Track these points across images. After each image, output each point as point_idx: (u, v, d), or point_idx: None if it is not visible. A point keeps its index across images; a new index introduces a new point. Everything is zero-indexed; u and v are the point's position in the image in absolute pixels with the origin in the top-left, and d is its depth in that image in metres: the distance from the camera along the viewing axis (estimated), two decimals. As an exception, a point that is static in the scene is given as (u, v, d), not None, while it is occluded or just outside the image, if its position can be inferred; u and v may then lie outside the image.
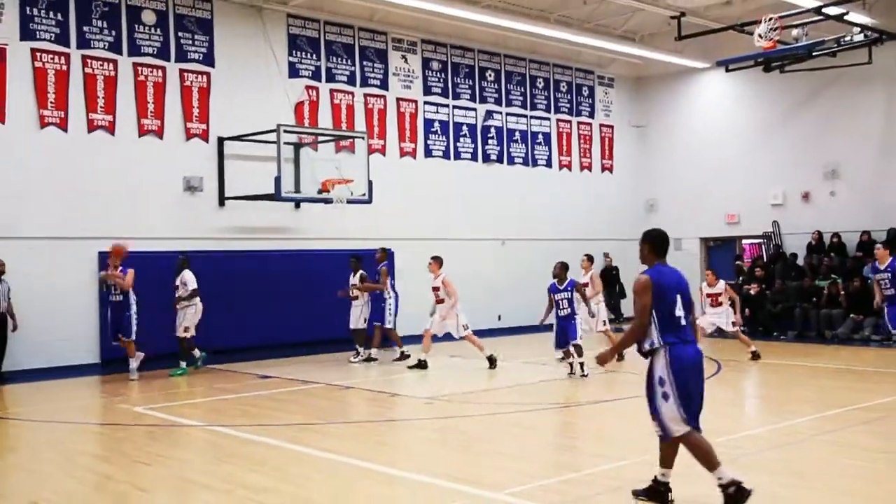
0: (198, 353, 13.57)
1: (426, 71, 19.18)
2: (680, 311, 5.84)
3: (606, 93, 23.03)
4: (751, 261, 20.72)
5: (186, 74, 15.65)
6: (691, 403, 5.76)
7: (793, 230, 20.20)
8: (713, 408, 5.96)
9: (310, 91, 17.22)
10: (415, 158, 18.91)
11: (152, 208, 15.12)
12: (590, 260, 14.70)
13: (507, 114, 20.68)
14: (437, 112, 19.33)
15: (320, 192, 15.15)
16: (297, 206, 16.75)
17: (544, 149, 21.41)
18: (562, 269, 12.47)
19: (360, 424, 9.80)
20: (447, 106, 19.53)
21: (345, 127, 17.55)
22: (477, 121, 20.08)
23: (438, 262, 13.85)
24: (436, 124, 19.30)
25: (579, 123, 22.33)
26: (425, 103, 19.14)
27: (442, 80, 19.46)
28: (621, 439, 8.47)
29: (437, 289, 13.69)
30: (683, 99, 22.64)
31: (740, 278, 19.63)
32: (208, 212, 15.82)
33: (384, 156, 18.19)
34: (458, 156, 19.67)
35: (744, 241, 22.22)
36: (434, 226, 18.53)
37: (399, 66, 18.70)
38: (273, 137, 14.61)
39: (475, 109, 20.04)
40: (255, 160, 15.76)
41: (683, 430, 5.76)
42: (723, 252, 22.20)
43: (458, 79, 19.73)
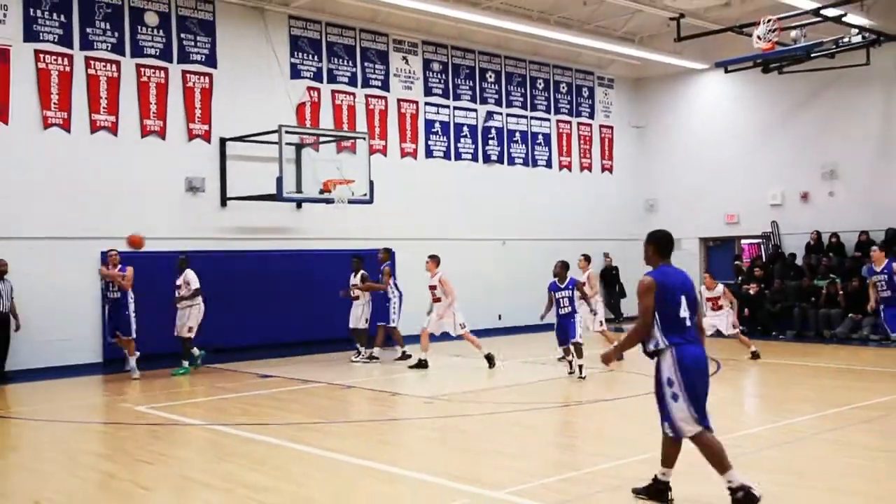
0: (196, 351, 13.63)
1: (427, 72, 19.26)
2: (685, 311, 5.84)
3: (606, 94, 23.11)
4: (750, 261, 20.78)
5: (189, 75, 15.73)
6: (700, 402, 5.75)
7: (792, 230, 20.27)
8: (713, 407, 5.97)
9: (311, 92, 17.29)
10: (416, 159, 18.98)
11: (155, 208, 15.17)
12: (587, 260, 14.78)
13: (508, 114, 20.76)
14: (438, 113, 19.41)
15: (322, 192, 15.19)
16: (299, 206, 16.82)
17: (544, 149, 21.49)
18: (562, 267, 12.50)
19: (361, 423, 9.83)
20: (448, 107, 19.60)
21: (346, 128, 17.62)
22: (477, 121, 20.15)
23: (436, 260, 13.91)
24: (436, 125, 19.37)
25: (579, 124, 22.40)
26: (426, 104, 19.22)
27: (443, 81, 19.54)
28: (621, 438, 8.49)
29: (433, 287, 13.74)
30: (683, 100, 22.71)
31: (739, 278, 19.71)
32: (210, 212, 15.88)
33: (385, 156, 18.27)
34: (458, 156, 19.74)
35: (743, 241, 22.28)
36: (435, 226, 18.59)
37: (400, 67, 18.77)
38: (275, 138, 14.66)
39: (476, 110, 20.12)
40: (257, 161, 15.83)
41: (696, 430, 5.73)
42: (722, 252, 22.28)
43: (459, 80, 19.81)
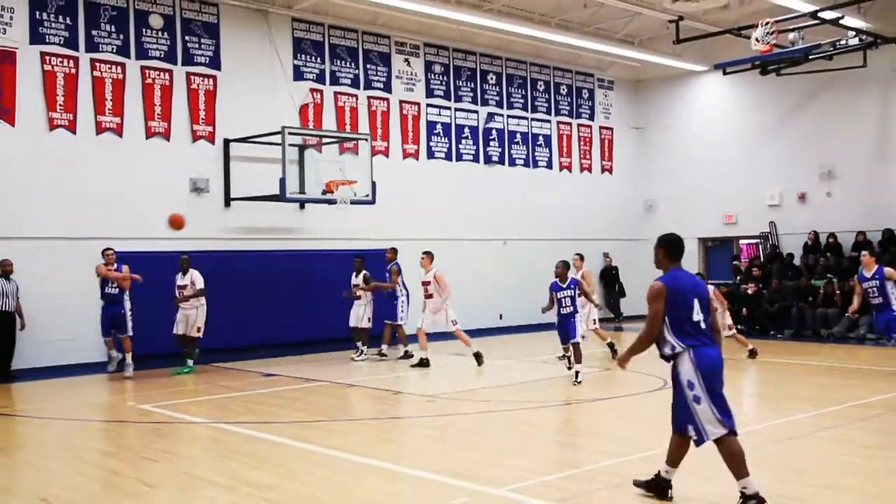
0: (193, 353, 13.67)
1: (429, 74, 19.38)
2: (698, 314, 5.80)
3: (606, 95, 23.24)
4: (748, 261, 20.86)
5: (193, 77, 15.85)
6: (721, 403, 5.69)
7: (789, 230, 20.39)
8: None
9: (314, 94, 17.41)
10: (417, 160, 19.10)
11: (159, 209, 15.24)
12: (581, 259, 14.85)
13: (509, 116, 20.88)
14: (440, 114, 19.53)
15: (324, 193, 15.23)
16: (302, 206, 16.92)
17: (545, 150, 21.63)
18: (564, 267, 12.46)
19: (364, 422, 9.90)
20: (449, 108, 19.73)
21: (348, 129, 17.72)
22: (478, 123, 20.27)
23: (430, 256, 14.06)
24: (438, 126, 19.50)
25: (579, 125, 22.53)
26: (428, 106, 19.33)
27: (444, 82, 19.67)
28: (621, 436, 8.51)
29: (427, 283, 13.86)
30: (682, 101, 22.83)
31: (738, 278, 19.82)
32: (214, 212, 15.98)
33: (387, 157, 18.39)
34: (459, 157, 19.86)
35: (741, 242, 22.39)
36: (436, 226, 18.68)
37: (402, 69, 18.90)
38: (278, 139, 14.74)
39: (477, 112, 20.24)
40: (261, 162, 15.92)
41: (721, 432, 5.65)
42: (720, 252, 22.41)
43: (460, 82, 19.94)
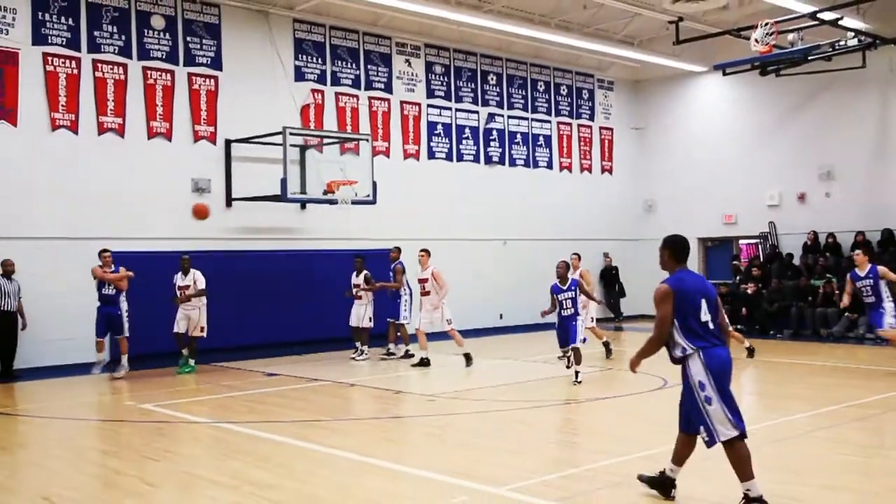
0: (185, 351, 13.71)
1: (429, 74, 19.44)
2: (706, 315, 5.77)
3: (606, 96, 23.30)
4: (748, 261, 20.91)
5: (195, 78, 15.91)
6: (731, 404, 5.66)
7: (789, 230, 20.44)
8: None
9: (315, 94, 17.47)
10: (418, 160, 19.16)
11: (161, 209, 15.33)
12: (579, 258, 14.87)
13: (509, 116, 20.94)
14: (440, 115, 19.59)
15: (325, 193, 15.29)
16: (303, 206, 16.98)
17: (545, 151, 21.69)
18: (566, 268, 12.47)
19: (365, 421, 9.96)
20: (450, 109, 19.79)
21: (349, 129, 17.78)
22: (479, 123, 20.34)
23: (428, 254, 14.15)
24: (439, 127, 19.56)
25: (579, 126, 22.59)
26: (428, 106, 19.39)
27: (445, 83, 19.72)
28: (621, 436, 8.55)
29: (424, 280, 13.92)
30: (681, 102, 22.89)
31: (737, 278, 19.88)
32: (216, 212, 16.02)
33: (388, 158, 18.45)
34: (460, 157, 19.92)
35: (741, 242, 22.44)
36: (437, 226, 18.73)
37: (403, 69, 18.96)
38: (279, 140, 14.80)
39: (477, 112, 20.30)
40: (262, 162, 15.97)
41: (732, 434, 5.60)
42: (720, 252, 22.46)
43: (461, 82, 20.00)
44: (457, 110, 19.92)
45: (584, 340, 12.35)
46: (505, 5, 18.08)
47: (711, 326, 5.80)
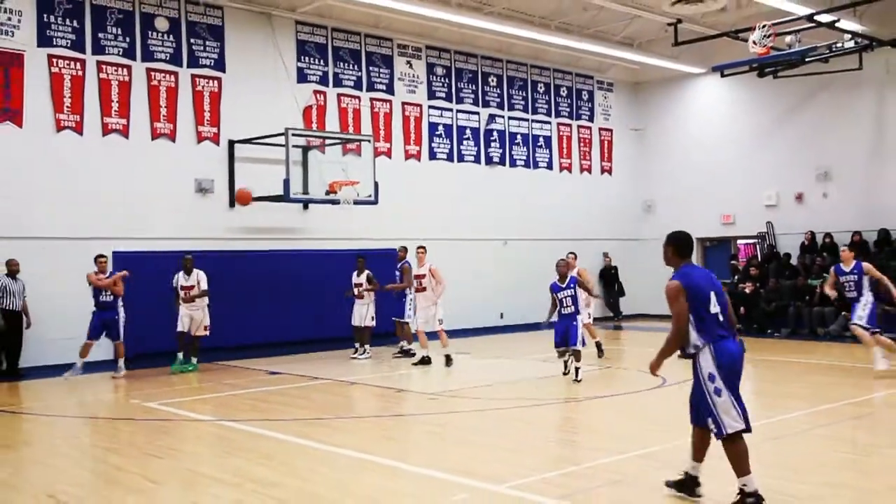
0: (181, 354, 13.76)
1: (430, 76, 19.54)
2: (715, 307, 5.77)
3: (605, 97, 23.42)
4: (745, 260, 20.98)
5: (198, 79, 16.02)
6: (739, 397, 5.69)
7: (786, 230, 20.54)
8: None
9: (318, 95, 17.57)
10: (419, 161, 19.27)
11: (164, 209, 15.42)
12: (575, 257, 14.93)
13: (509, 117, 21.05)
14: (441, 116, 19.70)
15: (328, 193, 15.40)
16: (306, 207, 17.07)
17: (545, 151, 21.80)
18: (566, 266, 12.45)
19: (367, 419, 10.04)
20: (451, 110, 19.89)
21: (351, 130, 17.88)
22: (480, 124, 20.45)
23: (425, 250, 14.26)
24: (440, 128, 19.66)
25: (579, 127, 22.71)
26: (429, 107, 19.49)
27: (446, 84, 19.83)
28: (621, 434, 8.58)
29: (422, 276, 13.99)
30: (680, 103, 22.99)
31: (735, 277, 19.99)
32: (219, 213, 16.13)
33: (389, 158, 18.56)
34: (461, 158, 20.03)
35: (739, 241, 22.53)
36: (438, 226, 18.81)
37: (404, 71, 19.07)
38: (282, 140, 14.87)
39: (478, 113, 20.40)
40: (265, 163, 16.03)
41: (738, 427, 5.64)
42: (718, 252, 22.55)
43: (462, 84, 20.11)
44: (457, 111, 20.03)
45: (584, 343, 12.22)
46: (505, 7, 18.18)
47: (721, 318, 5.80)
